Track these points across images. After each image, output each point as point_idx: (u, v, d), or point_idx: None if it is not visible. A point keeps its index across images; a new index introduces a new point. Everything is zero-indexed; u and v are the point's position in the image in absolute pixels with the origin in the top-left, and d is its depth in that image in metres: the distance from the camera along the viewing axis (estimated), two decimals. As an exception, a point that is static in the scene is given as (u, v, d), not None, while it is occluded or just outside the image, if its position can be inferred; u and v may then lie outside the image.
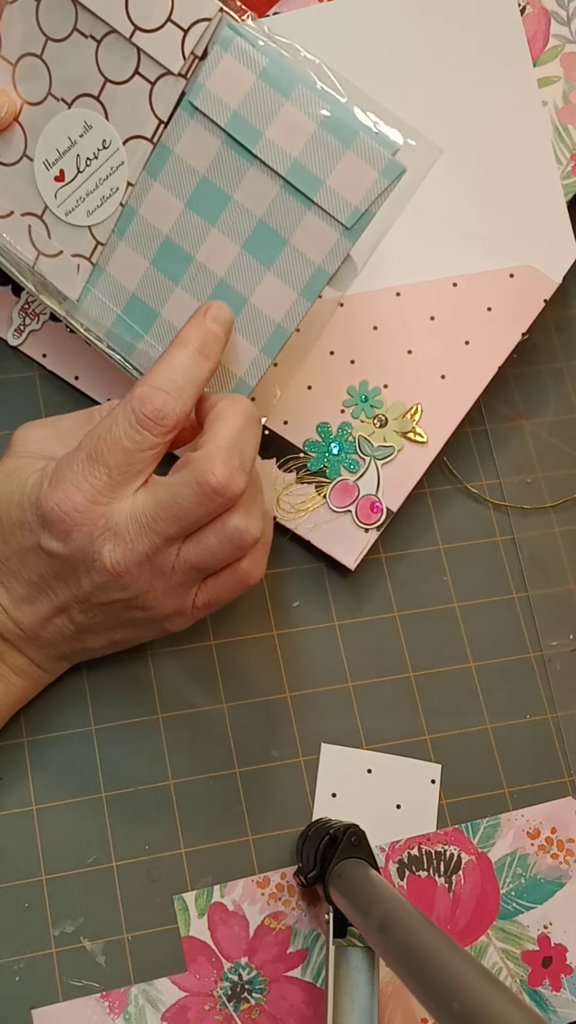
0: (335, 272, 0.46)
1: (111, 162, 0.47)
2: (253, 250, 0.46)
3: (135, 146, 0.46)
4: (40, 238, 0.49)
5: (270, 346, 0.48)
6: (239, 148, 0.45)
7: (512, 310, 0.58)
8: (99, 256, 0.49)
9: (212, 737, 0.54)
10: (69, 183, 0.48)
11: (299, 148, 0.44)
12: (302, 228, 0.45)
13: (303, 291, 0.47)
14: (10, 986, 0.49)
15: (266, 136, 0.44)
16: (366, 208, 0.44)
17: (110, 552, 0.44)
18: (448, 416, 0.57)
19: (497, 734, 0.57)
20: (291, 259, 0.46)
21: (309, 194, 0.45)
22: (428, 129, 0.57)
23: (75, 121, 0.47)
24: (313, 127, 0.44)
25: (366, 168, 0.44)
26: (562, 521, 0.61)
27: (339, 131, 0.43)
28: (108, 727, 0.53)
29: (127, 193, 0.47)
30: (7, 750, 0.52)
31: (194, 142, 0.45)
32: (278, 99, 0.44)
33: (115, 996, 0.49)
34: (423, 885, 0.54)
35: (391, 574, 0.58)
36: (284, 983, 0.51)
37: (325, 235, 0.45)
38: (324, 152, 0.44)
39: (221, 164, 0.45)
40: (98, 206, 0.48)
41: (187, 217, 0.47)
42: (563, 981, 0.54)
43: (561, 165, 0.58)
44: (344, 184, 0.44)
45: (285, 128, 0.44)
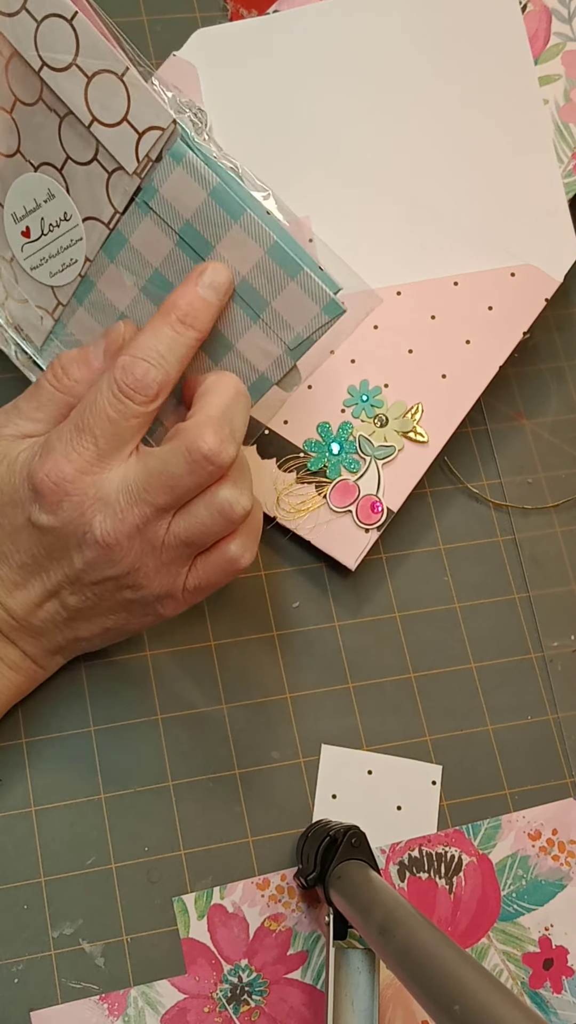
0: (279, 380, 0.47)
1: (71, 234, 0.47)
2: (203, 346, 0.47)
3: (92, 226, 0.47)
4: (8, 282, 0.50)
5: None
6: (192, 252, 0.45)
7: (513, 309, 0.57)
8: (60, 314, 0.50)
9: (212, 738, 0.54)
10: (34, 241, 0.48)
11: (247, 268, 0.44)
12: (248, 337, 0.46)
13: (248, 389, 0.47)
14: (9, 988, 0.49)
15: (217, 250, 0.45)
16: (308, 335, 0.45)
17: (101, 523, 0.44)
18: (449, 416, 0.57)
19: (498, 735, 0.57)
20: (237, 361, 0.47)
21: (256, 310, 0.45)
22: (428, 128, 0.57)
23: (40, 186, 0.47)
24: (260, 253, 0.44)
25: (308, 301, 0.44)
26: (563, 521, 0.61)
27: (285, 262, 0.44)
28: (107, 728, 0.53)
29: (85, 266, 0.48)
30: (6, 751, 0.52)
31: (148, 237, 0.46)
32: (227, 220, 0.44)
33: (114, 998, 0.49)
34: (424, 887, 0.54)
35: (392, 574, 0.58)
36: (284, 985, 0.51)
37: (269, 347, 0.46)
38: (270, 277, 0.44)
39: (174, 262, 0.46)
40: (59, 271, 0.49)
41: (141, 301, 0.47)
42: (564, 983, 0.54)
43: (562, 163, 0.58)
44: (287, 309, 0.45)
45: (234, 247, 0.44)
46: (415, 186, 0.57)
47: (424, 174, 0.58)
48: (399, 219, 0.57)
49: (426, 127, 0.57)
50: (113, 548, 0.44)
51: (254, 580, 0.57)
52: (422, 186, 0.58)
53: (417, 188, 0.57)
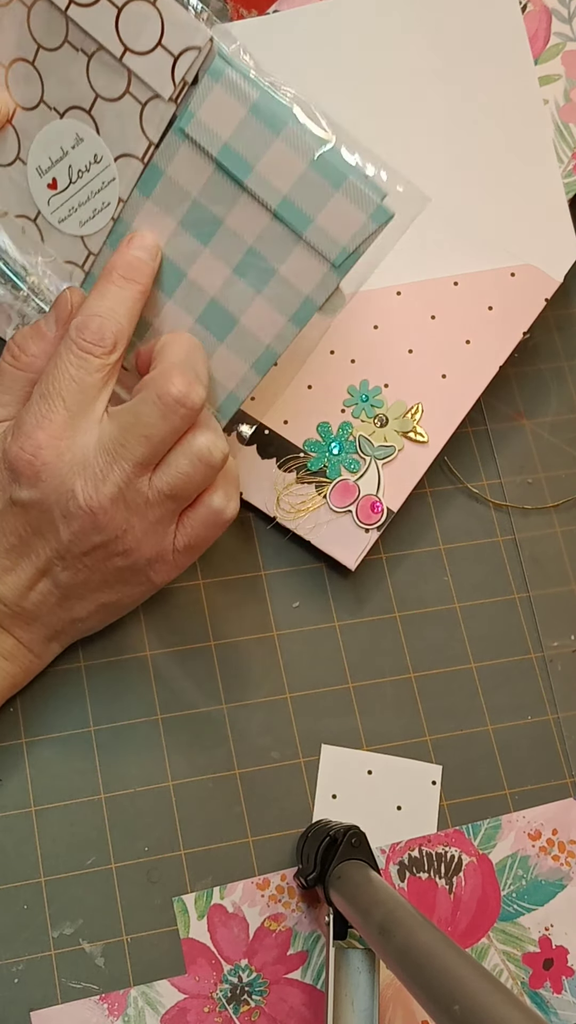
0: (323, 303, 0.47)
1: (102, 176, 0.47)
2: (243, 274, 0.46)
3: (126, 163, 0.46)
4: (34, 242, 0.49)
5: (260, 364, 0.48)
6: (230, 177, 0.45)
7: (513, 309, 0.57)
8: (91, 265, 0.49)
9: (212, 738, 0.54)
10: (62, 192, 0.48)
11: (289, 185, 0.44)
12: (291, 260, 0.45)
13: (292, 318, 0.47)
14: (9, 988, 0.49)
15: (256, 170, 0.44)
16: (354, 248, 0.44)
17: (83, 488, 0.44)
18: (449, 416, 0.57)
19: (498, 735, 0.57)
20: (280, 287, 0.46)
21: (298, 230, 0.45)
22: (428, 128, 0.57)
23: (67, 132, 0.46)
24: (303, 166, 0.43)
25: (355, 211, 0.44)
26: (563, 521, 0.61)
27: (329, 173, 0.43)
28: (107, 728, 0.53)
29: (119, 208, 0.47)
30: (5, 751, 0.52)
31: (185, 166, 0.45)
32: (268, 135, 0.43)
33: (114, 998, 0.49)
34: (424, 887, 0.54)
35: (392, 574, 0.58)
36: (284, 985, 0.51)
37: (313, 269, 0.45)
38: (313, 192, 0.44)
39: (213, 190, 0.45)
40: (90, 217, 0.48)
41: (180, 236, 0.47)
42: (564, 983, 0.54)
43: (562, 163, 0.58)
44: (332, 224, 0.44)
45: (275, 164, 0.44)
46: (415, 186, 0.57)
47: (424, 174, 0.58)
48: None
49: (426, 127, 0.57)
50: (98, 513, 0.44)
51: (254, 580, 0.57)
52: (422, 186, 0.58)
53: (417, 188, 0.57)
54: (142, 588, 0.49)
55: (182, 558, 0.48)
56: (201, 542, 0.48)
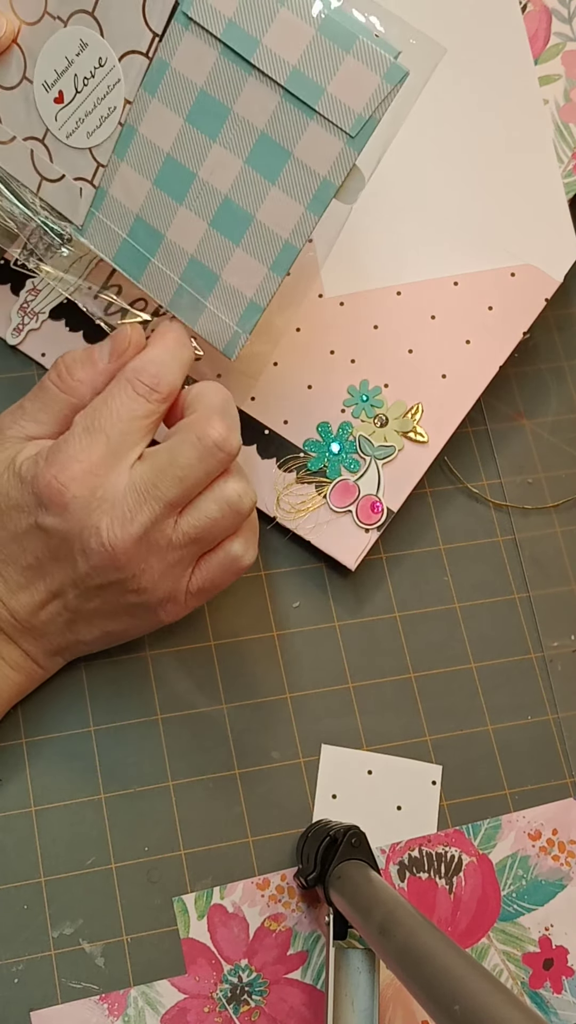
0: (342, 183, 0.45)
1: (108, 80, 0.46)
2: (256, 164, 0.45)
3: (131, 61, 0.45)
4: (42, 163, 0.48)
5: (279, 264, 0.47)
6: (236, 58, 0.43)
7: (513, 309, 0.57)
8: (101, 178, 0.48)
9: (212, 738, 0.54)
10: (68, 104, 0.47)
11: (298, 55, 0.42)
12: (305, 139, 0.44)
13: (310, 204, 0.45)
14: (9, 988, 0.49)
15: (263, 44, 0.43)
16: (370, 115, 0.43)
17: (108, 526, 0.44)
18: (449, 416, 0.57)
19: (498, 735, 0.57)
20: (296, 172, 0.45)
21: (310, 103, 0.43)
22: (428, 128, 0.57)
23: (71, 39, 0.46)
24: (311, 32, 0.42)
25: (368, 73, 0.42)
26: (563, 521, 0.61)
27: (338, 35, 0.41)
28: (107, 728, 0.53)
29: (125, 111, 0.46)
30: (6, 751, 0.52)
31: (190, 54, 0.44)
32: (274, 4, 0.42)
33: (114, 998, 0.49)
34: (424, 887, 0.54)
35: (392, 574, 0.58)
36: (284, 985, 0.51)
37: (329, 145, 0.44)
38: (324, 58, 0.42)
39: (219, 76, 0.44)
40: (97, 126, 0.47)
41: (187, 132, 0.45)
42: (564, 983, 0.54)
43: (562, 163, 0.58)
44: (346, 91, 0.42)
45: (282, 35, 0.42)
46: (415, 186, 0.57)
47: (424, 174, 0.58)
48: (399, 219, 0.57)
49: (426, 127, 0.57)
50: (119, 552, 0.44)
51: (254, 580, 0.57)
52: (422, 186, 0.58)
53: (417, 188, 0.57)
54: (149, 623, 0.49)
55: (193, 600, 0.48)
56: (214, 586, 0.48)
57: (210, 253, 0.47)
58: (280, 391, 0.56)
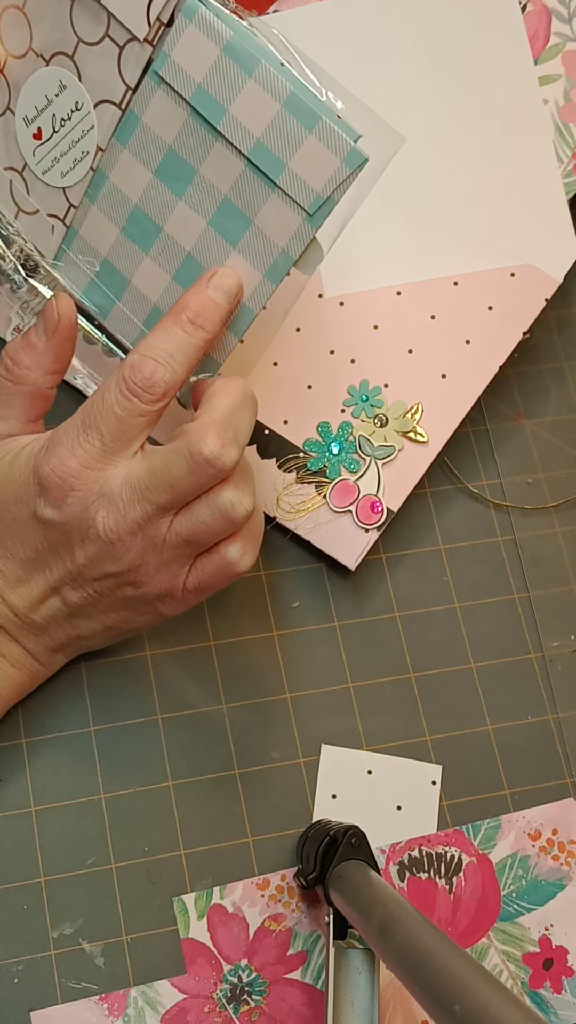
0: (300, 256, 0.45)
1: (82, 125, 0.46)
2: (219, 227, 0.45)
3: (104, 110, 0.45)
4: (20, 194, 0.49)
5: (237, 325, 0.47)
6: (204, 123, 0.44)
7: (513, 309, 0.57)
8: (72, 218, 0.48)
9: (212, 738, 0.54)
10: (46, 142, 0.47)
11: (262, 128, 0.43)
12: (266, 209, 0.44)
13: (268, 272, 0.46)
14: (8, 988, 0.49)
15: (230, 113, 0.43)
16: (328, 195, 0.43)
17: (103, 518, 0.44)
18: (449, 416, 0.57)
19: (498, 735, 0.57)
20: (256, 239, 0.45)
21: (272, 176, 0.43)
22: (428, 128, 0.57)
23: (52, 79, 0.46)
24: (276, 107, 0.42)
25: (328, 154, 0.42)
26: (563, 521, 0.61)
27: (301, 113, 0.42)
28: (107, 728, 0.53)
29: (97, 157, 0.46)
30: (6, 751, 0.52)
31: (161, 112, 0.44)
32: (242, 75, 0.42)
33: (114, 998, 0.49)
34: (424, 887, 0.54)
35: (391, 574, 0.58)
36: (284, 985, 0.51)
37: (288, 218, 0.44)
38: (286, 134, 0.42)
39: (187, 137, 0.44)
40: (71, 168, 0.47)
41: (155, 187, 0.46)
42: (564, 983, 0.54)
43: (562, 163, 0.58)
44: (306, 168, 0.43)
45: (248, 106, 0.42)
46: (415, 186, 0.57)
47: (424, 174, 0.58)
48: (399, 219, 0.57)
49: (426, 127, 0.57)
50: (115, 544, 0.45)
51: (254, 580, 0.57)
52: (422, 186, 0.58)
53: (417, 188, 0.57)
54: (149, 617, 0.49)
55: (191, 597, 0.48)
56: (211, 586, 0.48)
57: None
58: (280, 391, 0.56)
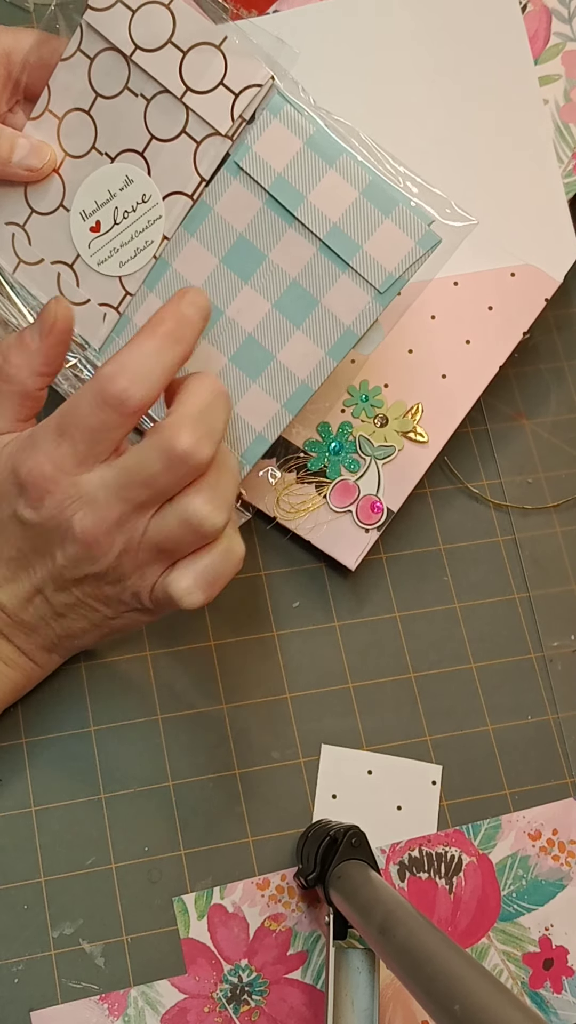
0: (363, 334, 0.47)
1: (148, 215, 0.48)
2: (284, 309, 0.48)
3: (174, 201, 0.48)
4: (68, 286, 0.50)
5: (292, 402, 0.49)
6: (280, 210, 0.46)
7: (513, 309, 0.57)
8: (127, 306, 0.50)
9: (212, 738, 0.54)
10: (105, 234, 0.49)
11: (339, 213, 0.45)
12: (335, 290, 0.47)
13: (330, 351, 0.48)
14: (9, 988, 0.49)
15: (308, 200, 0.46)
16: (400, 274, 0.46)
17: (80, 520, 0.44)
18: (449, 416, 0.57)
19: (498, 735, 0.57)
20: (321, 319, 0.47)
21: (346, 257, 0.46)
22: (428, 128, 0.57)
23: (117, 175, 0.48)
24: (355, 194, 0.45)
25: (403, 237, 0.45)
26: (563, 521, 0.61)
27: (379, 200, 0.45)
28: (107, 728, 0.53)
29: (162, 247, 0.48)
30: (5, 751, 0.52)
31: (235, 201, 0.47)
32: (323, 166, 0.45)
33: (114, 998, 0.49)
34: (424, 887, 0.54)
35: (391, 574, 0.58)
36: (284, 985, 0.51)
37: (357, 298, 0.47)
38: (363, 219, 0.45)
39: (260, 224, 0.47)
40: (131, 257, 0.49)
41: (221, 272, 0.48)
42: (564, 983, 0.54)
43: (562, 163, 0.58)
44: (380, 250, 0.45)
45: (327, 194, 0.45)
46: (415, 186, 0.57)
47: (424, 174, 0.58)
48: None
49: (426, 127, 0.57)
50: (92, 545, 0.44)
51: (254, 580, 0.57)
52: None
53: (417, 188, 0.57)
54: (133, 617, 0.48)
55: (159, 608, 0.47)
56: (168, 604, 0.46)
57: (227, 386, 0.48)
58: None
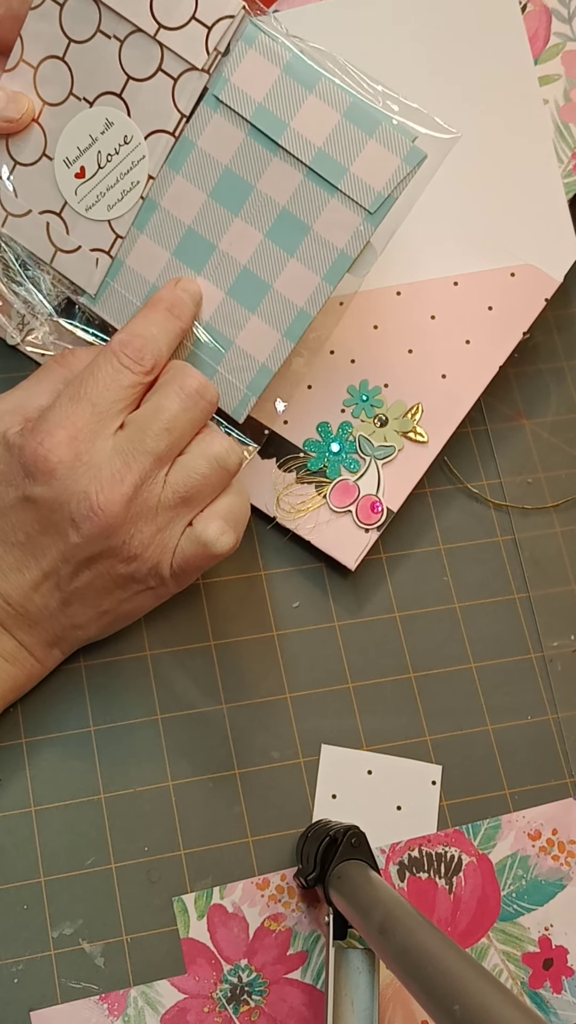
0: (357, 256, 0.48)
1: (132, 156, 0.48)
2: (276, 237, 0.48)
3: (156, 140, 0.48)
4: (58, 234, 0.50)
5: (292, 330, 0.49)
6: (263, 139, 0.46)
7: (513, 309, 0.57)
8: (118, 249, 0.50)
9: (212, 738, 0.54)
10: (90, 179, 0.49)
11: (323, 138, 0.46)
12: (325, 214, 0.47)
13: (326, 275, 0.48)
14: (8, 988, 0.49)
15: (291, 127, 0.46)
16: (388, 193, 0.46)
17: (97, 491, 0.45)
18: (449, 416, 0.57)
19: (498, 735, 0.57)
20: (314, 245, 0.48)
21: (333, 181, 0.46)
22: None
23: (97, 119, 0.48)
24: (337, 117, 0.45)
25: (389, 155, 0.45)
26: (563, 521, 0.61)
27: (362, 121, 0.45)
28: (107, 728, 0.53)
29: (148, 186, 0.48)
30: (5, 751, 0.52)
31: (217, 134, 0.47)
32: (302, 92, 0.45)
33: (114, 998, 0.49)
34: (423, 887, 0.54)
35: (391, 574, 0.58)
36: (284, 985, 0.51)
37: (348, 220, 0.47)
38: (348, 141, 0.46)
39: (244, 155, 0.47)
40: (118, 200, 0.49)
41: (210, 207, 0.48)
42: (564, 983, 0.54)
43: (562, 163, 0.58)
44: (367, 171, 0.46)
45: (309, 119, 0.46)
46: (415, 186, 0.57)
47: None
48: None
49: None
50: (109, 518, 0.45)
51: (254, 580, 0.57)
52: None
53: (417, 188, 0.57)
54: (143, 599, 0.49)
55: (178, 578, 0.48)
56: (193, 568, 0.48)
57: (225, 321, 0.50)
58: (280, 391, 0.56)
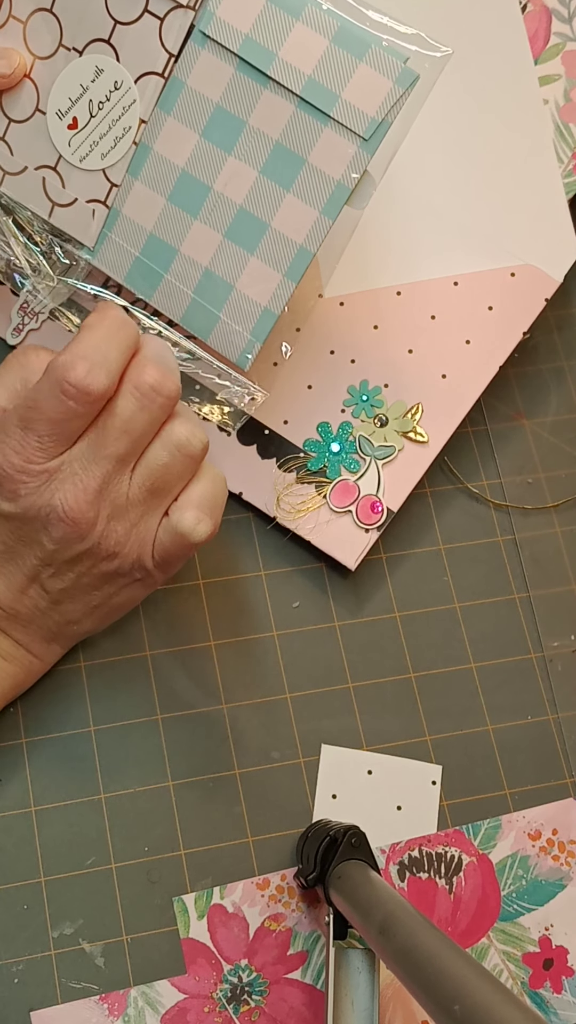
0: (355, 187, 0.47)
1: (123, 102, 0.47)
2: (271, 173, 0.47)
3: (146, 82, 0.47)
4: (54, 189, 0.50)
5: (293, 270, 0.48)
6: (253, 72, 0.46)
7: (513, 309, 0.57)
8: (114, 198, 0.49)
9: (212, 738, 0.54)
10: (83, 129, 0.48)
11: (312, 65, 0.45)
12: (319, 145, 0.46)
13: (324, 209, 0.47)
14: (8, 988, 0.49)
15: (279, 57, 0.45)
16: (382, 118, 0.45)
17: (62, 499, 0.44)
18: (449, 416, 0.57)
19: (498, 735, 0.57)
20: (310, 178, 0.47)
21: (325, 109, 0.45)
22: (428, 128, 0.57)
23: (87, 67, 0.47)
24: (325, 44, 0.44)
25: (380, 78, 0.44)
26: (563, 521, 0.61)
27: (351, 45, 0.44)
28: (107, 728, 0.53)
29: (140, 131, 0.48)
30: (5, 751, 0.52)
31: (206, 71, 0.46)
32: (289, 20, 0.45)
33: (114, 998, 0.49)
34: (424, 887, 0.54)
35: (392, 574, 0.58)
36: (284, 985, 0.51)
37: (343, 149, 0.46)
38: (338, 67, 0.45)
39: (235, 90, 0.46)
40: (112, 147, 0.48)
41: (203, 147, 0.47)
42: (564, 983, 0.54)
43: (562, 163, 0.58)
44: (359, 96, 0.45)
45: (297, 47, 0.45)
46: (415, 186, 0.57)
47: (424, 174, 0.58)
48: (399, 219, 0.57)
49: (426, 127, 0.57)
50: (79, 521, 0.44)
51: (254, 580, 0.57)
52: (422, 186, 0.58)
53: (417, 188, 0.57)
54: (133, 590, 0.48)
55: (162, 569, 0.48)
56: (174, 558, 0.47)
57: (225, 264, 0.49)
58: (280, 391, 0.56)
